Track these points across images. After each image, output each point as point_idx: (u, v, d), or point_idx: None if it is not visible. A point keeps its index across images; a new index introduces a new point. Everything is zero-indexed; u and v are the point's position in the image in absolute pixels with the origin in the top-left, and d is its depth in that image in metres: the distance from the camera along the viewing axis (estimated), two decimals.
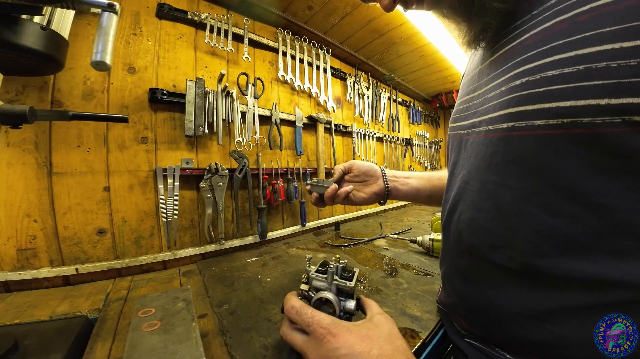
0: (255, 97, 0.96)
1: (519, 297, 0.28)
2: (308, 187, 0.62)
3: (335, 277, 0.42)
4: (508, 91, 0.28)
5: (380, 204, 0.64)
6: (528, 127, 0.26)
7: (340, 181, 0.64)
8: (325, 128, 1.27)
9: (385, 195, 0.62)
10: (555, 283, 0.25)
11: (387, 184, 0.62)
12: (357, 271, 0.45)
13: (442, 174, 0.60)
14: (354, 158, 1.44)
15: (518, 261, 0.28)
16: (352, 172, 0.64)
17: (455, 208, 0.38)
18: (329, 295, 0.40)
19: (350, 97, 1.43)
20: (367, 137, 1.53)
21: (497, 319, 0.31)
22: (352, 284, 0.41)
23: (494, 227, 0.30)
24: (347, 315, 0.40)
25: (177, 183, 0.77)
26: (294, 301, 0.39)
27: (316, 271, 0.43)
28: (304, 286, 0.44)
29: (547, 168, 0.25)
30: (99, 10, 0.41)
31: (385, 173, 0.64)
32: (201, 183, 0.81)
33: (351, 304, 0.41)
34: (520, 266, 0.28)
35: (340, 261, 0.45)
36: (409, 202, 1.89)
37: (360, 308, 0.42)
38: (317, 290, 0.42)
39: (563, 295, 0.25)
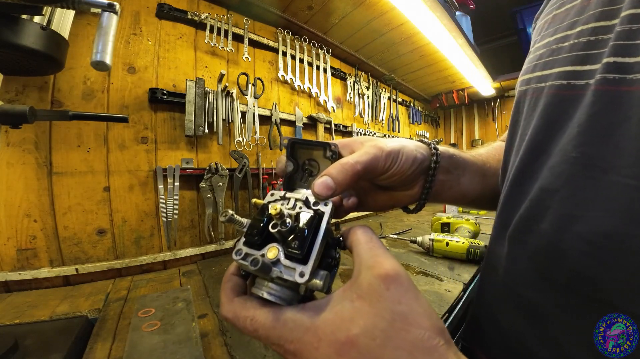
0: (255, 97, 0.96)
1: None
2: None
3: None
4: None
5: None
6: None
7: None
8: (325, 128, 1.27)
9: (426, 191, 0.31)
10: None
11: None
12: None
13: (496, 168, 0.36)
14: None
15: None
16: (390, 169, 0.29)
17: (547, 210, 0.23)
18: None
19: (350, 97, 1.43)
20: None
21: None
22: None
23: None
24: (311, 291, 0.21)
25: (177, 183, 0.77)
26: (225, 308, 0.21)
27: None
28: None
29: None
30: (99, 10, 0.41)
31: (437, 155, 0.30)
32: (201, 183, 0.81)
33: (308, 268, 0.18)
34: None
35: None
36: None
37: (340, 244, 0.23)
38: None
39: None
